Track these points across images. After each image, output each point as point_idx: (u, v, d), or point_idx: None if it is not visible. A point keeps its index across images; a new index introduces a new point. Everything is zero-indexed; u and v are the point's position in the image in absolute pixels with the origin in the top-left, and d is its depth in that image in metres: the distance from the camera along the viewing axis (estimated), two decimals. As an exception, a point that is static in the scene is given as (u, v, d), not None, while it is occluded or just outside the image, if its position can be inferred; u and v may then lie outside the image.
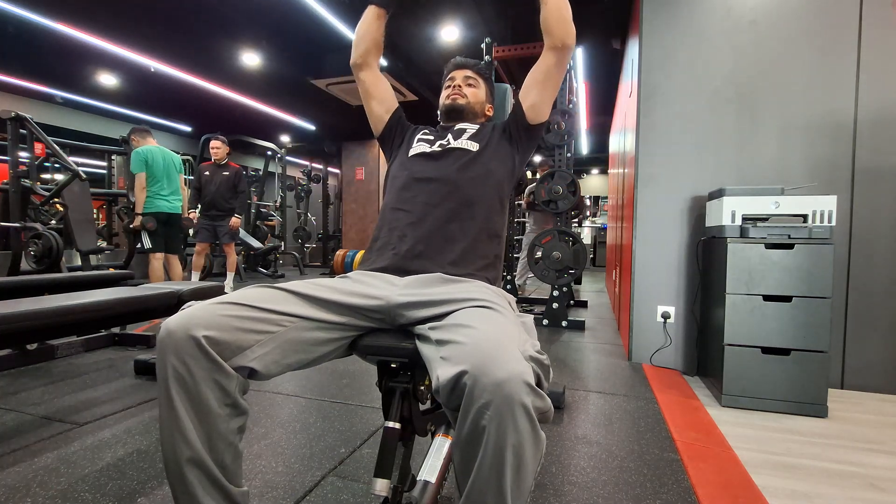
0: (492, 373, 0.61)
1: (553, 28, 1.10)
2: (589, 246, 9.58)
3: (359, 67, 1.26)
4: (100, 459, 1.38)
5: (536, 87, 1.16)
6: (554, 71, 1.14)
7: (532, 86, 1.17)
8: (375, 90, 1.28)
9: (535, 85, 1.16)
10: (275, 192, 9.11)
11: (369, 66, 1.26)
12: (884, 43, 2.08)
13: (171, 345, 0.72)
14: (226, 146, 4.58)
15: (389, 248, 1.05)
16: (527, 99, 1.18)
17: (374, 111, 1.29)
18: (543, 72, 1.15)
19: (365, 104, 1.31)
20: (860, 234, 2.12)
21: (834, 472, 1.39)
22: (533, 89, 1.17)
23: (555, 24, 1.09)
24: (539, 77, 1.16)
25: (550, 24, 1.10)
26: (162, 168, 3.67)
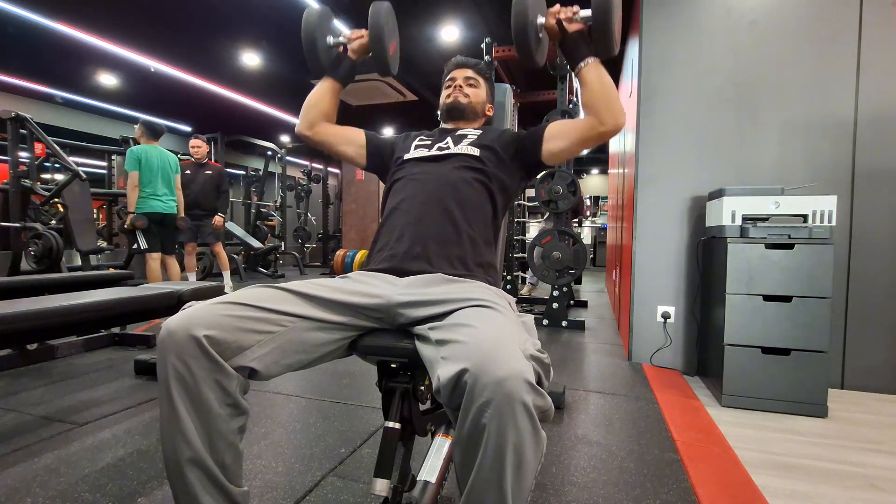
0: (492, 371, 0.61)
1: (602, 113, 1.04)
2: (589, 246, 9.58)
3: (306, 135, 1.24)
4: (100, 459, 1.38)
5: (565, 143, 1.12)
6: (592, 143, 1.10)
7: (563, 138, 1.12)
8: (336, 138, 1.26)
9: (566, 140, 1.12)
10: (275, 192, 9.11)
11: (318, 128, 1.24)
12: (884, 43, 2.08)
13: (172, 345, 0.72)
14: (206, 145, 4.57)
15: (388, 249, 1.05)
16: (551, 143, 1.13)
17: (346, 154, 1.27)
18: (581, 138, 1.09)
19: (336, 154, 1.29)
20: (860, 234, 2.12)
21: (834, 472, 1.39)
22: (561, 141, 1.12)
23: (603, 109, 1.03)
24: (574, 138, 1.10)
25: (598, 108, 1.04)
26: (157, 168, 3.63)
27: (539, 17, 1.06)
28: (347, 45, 1.23)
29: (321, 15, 1.19)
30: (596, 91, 1.04)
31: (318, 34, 1.17)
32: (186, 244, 4.41)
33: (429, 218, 1.05)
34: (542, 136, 1.14)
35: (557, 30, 1.07)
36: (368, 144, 1.27)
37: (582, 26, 1.07)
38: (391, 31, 1.22)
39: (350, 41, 1.23)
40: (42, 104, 7.11)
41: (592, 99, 1.05)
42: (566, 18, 1.06)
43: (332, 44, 1.23)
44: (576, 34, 1.07)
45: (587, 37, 1.07)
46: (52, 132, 4.36)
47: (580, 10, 1.07)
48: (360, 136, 1.27)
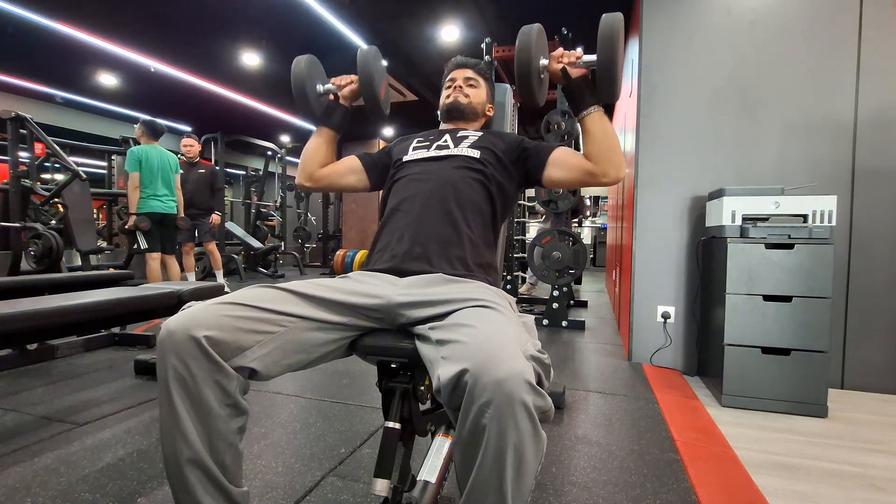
0: (492, 371, 0.61)
1: (603, 165, 1.04)
2: (589, 246, 9.58)
3: (308, 187, 1.26)
4: (100, 459, 1.38)
5: (565, 176, 1.11)
6: (592, 185, 1.11)
7: (564, 169, 1.11)
8: (336, 177, 1.27)
9: (566, 173, 1.11)
10: (275, 192, 9.11)
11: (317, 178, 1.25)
12: (884, 43, 2.08)
13: (172, 345, 0.72)
14: (198, 144, 4.60)
15: (388, 250, 1.05)
16: (552, 170, 1.12)
17: (351, 184, 1.27)
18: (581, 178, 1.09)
19: (340, 190, 1.32)
20: (860, 234, 2.12)
21: (834, 472, 1.39)
22: (562, 172, 1.11)
23: (605, 160, 1.04)
24: (575, 175, 1.10)
25: (600, 159, 1.05)
26: (157, 168, 3.64)
27: (542, 60, 1.06)
28: (337, 91, 1.23)
29: (309, 64, 1.19)
30: (599, 142, 1.05)
31: (307, 83, 1.17)
32: (184, 244, 4.42)
33: (429, 218, 1.05)
34: (547, 159, 1.13)
35: (560, 75, 1.07)
36: (365, 166, 1.27)
37: (585, 72, 1.07)
38: (380, 74, 1.22)
39: (340, 88, 1.22)
40: (42, 104, 7.11)
41: (595, 151, 1.05)
42: (569, 63, 1.06)
43: (322, 91, 1.22)
44: (579, 80, 1.07)
45: (591, 83, 1.07)
46: (52, 132, 4.37)
47: (584, 55, 1.06)
48: (356, 163, 1.28)
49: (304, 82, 1.17)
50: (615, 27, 0.98)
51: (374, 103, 1.21)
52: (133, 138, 4.94)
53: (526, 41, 1.02)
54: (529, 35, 1.02)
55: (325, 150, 1.25)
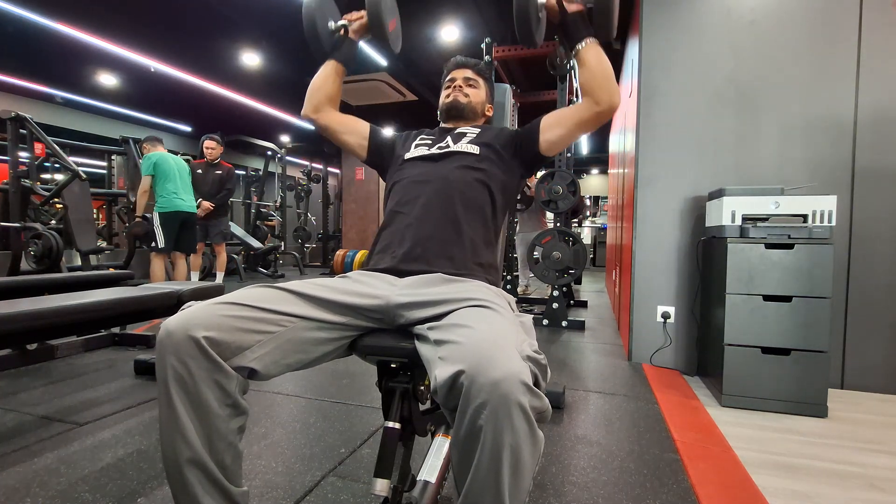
0: (488, 372, 0.61)
1: (598, 92, 1.05)
2: (589, 246, 9.58)
3: (312, 118, 1.25)
4: (100, 459, 1.38)
5: (562, 130, 1.13)
6: (589, 126, 1.11)
7: (559, 125, 1.13)
8: (341, 126, 1.26)
9: (563, 127, 1.13)
10: (275, 192, 9.11)
11: (324, 111, 1.24)
12: (884, 43, 2.08)
13: (171, 345, 0.72)
14: (220, 146, 4.60)
15: (389, 251, 1.05)
16: (548, 132, 1.14)
17: (349, 142, 1.27)
18: (577, 123, 1.10)
19: (337, 142, 1.28)
20: (860, 234, 2.12)
21: (834, 472, 1.39)
22: (559, 129, 1.13)
23: (599, 88, 1.05)
24: (570, 124, 1.12)
25: (594, 87, 1.05)
26: (175, 169, 3.72)
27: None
28: (348, 27, 1.23)
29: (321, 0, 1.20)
30: (593, 70, 1.05)
31: (318, 18, 1.18)
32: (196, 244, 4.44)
33: (429, 219, 1.05)
34: (539, 127, 1.15)
35: (557, 9, 1.07)
36: (371, 139, 1.27)
37: (581, 7, 1.08)
38: (389, 9, 1.23)
39: (350, 23, 1.23)
40: (42, 104, 7.11)
41: (589, 79, 1.06)
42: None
43: (333, 28, 1.23)
44: (575, 15, 1.07)
45: (586, 18, 1.08)
46: (52, 132, 4.37)
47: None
48: (365, 129, 1.28)
49: (316, 18, 1.17)
50: None
51: (383, 37, 1.21)
52: (133, 138, 4.95)
53: None
54: None
55: (332, 82, 1.24)
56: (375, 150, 1.27)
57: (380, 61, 5.16)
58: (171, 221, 3.67)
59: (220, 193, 4.54)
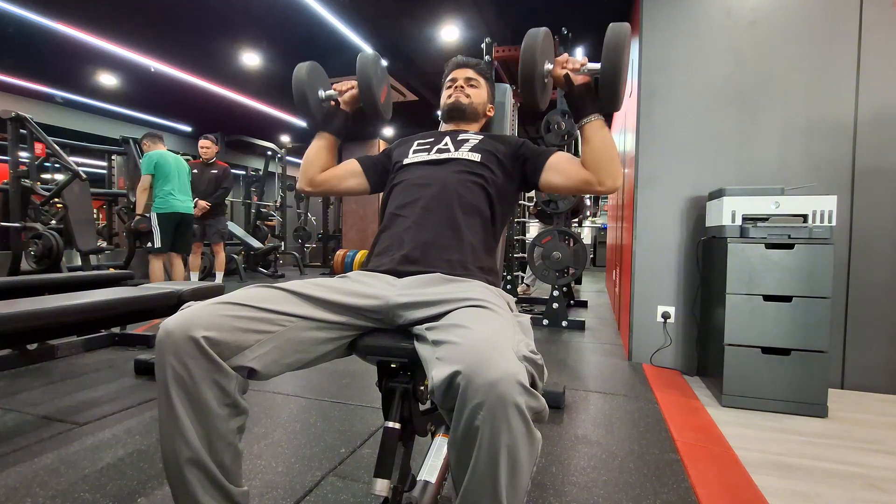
0: (485, 373, 0.60)
1: (601, 174, 1.05)
2: (589, 246, 9.58)
3: (309, 192, 1.26)
4: (100, 459, 1.38)
5: (561, 181, 1.12)
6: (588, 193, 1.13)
7: (561, 174, 1.12)
8: (336, 181, 1.27)
9: (563, 179, 1.12)
10: (275, 192, 9.11)
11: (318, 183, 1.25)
12: (884, 43, 2.08)
13: (171, 345, 0.72)
14: (215, 145, 4.61)
15: (388, 253, 1.05)
16: (549, 174, 1.13)
17: (351, 188, 1.28)
18: (577, 185, 1.10)
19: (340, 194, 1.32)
20: (860, 234, 2.12)
21: (834, 472, 1.39)
22: (559, 178, 1.12)
23: (602, 170, 1.05)
24: (570, 183, 1.11)
25: (598, 169, 1.05)
26: (174, 169, 3.72)
27: (547, 64, 1.06)
28: (338, 97, 1.23)
29: (311, 70, 1.20)
30: (597, 151, 1.05)
31: (308, 89, 1.18)
32: (193, 244, 4.45)
33: (429, 223, 1.05)
34: (545, 164, 1.14)
35: (563, 80, 1.07)
36: (364, 169, 1.27)
37: (588, 79, 1.07)
38: (380, 79, 1.23)
39: (341, 94, 1.23)
40: (42, 104, 7.11)
41: (593, 159, 1.06)
42: (573, 70, 1.06)
43: (323, 97, 1.23)
44: (582, 87, 1.07)
45: (593, 91, 1.06)
46: (52, 132, 4.37)
47: (588, 63, 1.06)
48: (356, 166, 1.27)
49: (306, 89, 1.18)
50: (621, 36, 0.98)
51: (374, 109, 1.21)
52: (133, 138, 4.95)
53: (532, 44, 1.02)
54: (536, 38, 1.02)
55: (325, 154, 1.25)
56: (373, 174, 1.27)
57: (380, 61, 5.16)
58: (167, 222, 3.67)
59: (216, 193, 4.55)
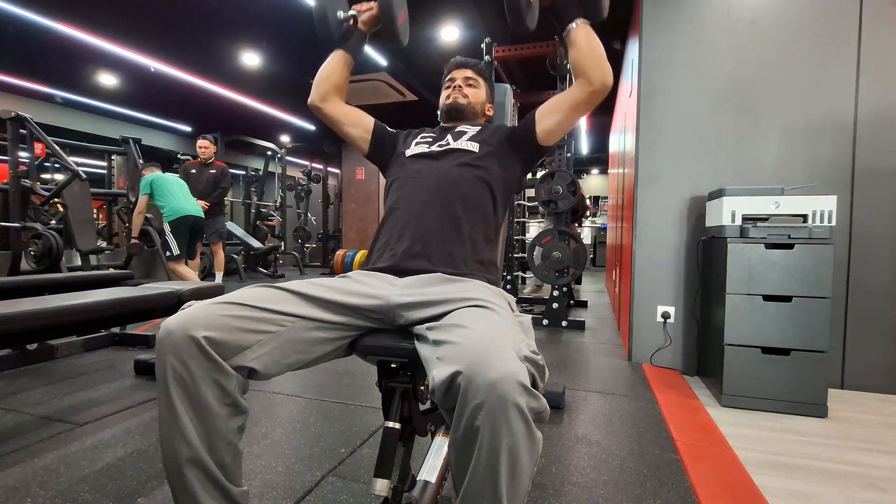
0: (485, 373, 0.60)
1: (590, 72, 1.04)
2: (589, 246, 9.58)
3: (318, 107, 1.24)
4: (100, 459, 1.38)
5: (558, 116, 1.12)
6: (584, 108, 1.10)
7: (554, 112, 1.13)
8: (345, 118, 1.26)
9: (558, 113, 1.12)
10: (275, 192, 9.11)
11: (330, 102, 1.24)
12: (884, 43, 2.08)
13: (171, 345, 0.72)
14: (213, 145, 4.65)
15: (388, 248, 1.05)
16: (544, 121, 1.14)
17: (352, 135, 1.27)
18: (572, 106, 1.10)
19: (341, 134, 1.28)
20: (860, 234, 2.12)
21: (834, 472, 1.39)
22: (554, 116, 1.13)
23: (591, 68, 1.04)
24: (565, 108, 1.11)
25: (586, 67, 1.04)
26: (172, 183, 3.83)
27: None
28: (357, 17, 1.23)
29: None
30: (584, 51, 1.05)
31: (328, 8, 1.18)
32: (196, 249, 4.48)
33: (430, 216, 1.05)
34: (534, 118, 1.15)
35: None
36: (374, 133, 1.27)
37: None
38: (399, 2, 1.23)
39: (360, 13, 1.23)
40: (42, 104, 7.10)
41: (581, 59, 1.05)
42: None
43: (342, 18, 1.23)
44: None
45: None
46: (52, 132, 4.36)
47: None
48: (369, 123, 1.28)
49: (326, 8, 1.18)
50: None
51: (391, 28, 1.21)
52: (133, 138, 4.96)
53: None
54: None
55: (339, 71, 1.24)
56: (377, 145, 1.27)
57: (380, 61, 5.16)
58: (181, 227, 3.75)
59: (214, 193, 4.57)
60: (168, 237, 3.71)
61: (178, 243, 3.71)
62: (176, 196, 3.77)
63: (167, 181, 3.79)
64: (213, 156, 4.64)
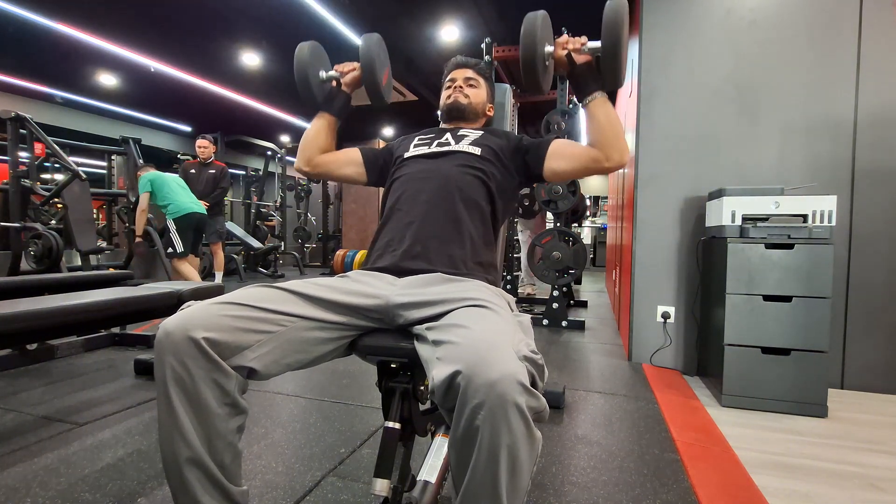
0: (485, 373, 0.60)
1: (608, 150, 1.05)
2: (589, 246, 9.58)
3: (306, 172, 1.26)
4: (100, 459, 1.38)
5: (568, 166, 1.11)
6: (595, 173, 1.12)
7: (565, 159, 1.12)
8: (335, 166, 1.26)
9: (570, 163, 1.11)
10: (275, 192, 9.11)
11: (316, 164, 1.25)
12: (884, 43, 2.08)
13: (170, 346, 0.72)
14: (213, 145, 4.66)
15: (389, 248, 1.05)
16: (553, 161, 1.12)
17: (347, 176, 1.28)
18: (585, 167, 1.10)
19: (335, 180, 1.31)
20: (860, 234, 2.12)
21: (834, 472, 1.39)
22: (564, 162, 1.11)
23: (608, 145, 1.05)
24: (577, 165, 1.10)
25: (604, 145, 1.05)
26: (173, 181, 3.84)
27: (547, 47, 1.05)
28: (340, 78, 1.23)
29: (312, 50, 1.19)
30: (603, 127, 1.05)
31: (310, 70, 1.18)
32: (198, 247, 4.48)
33: (430, 217, 1.05)
34: (546, 152, 1.13)
35: (565, 61, 1.07)
36: (365, 160, 1.27)
37: (589, 58, 1.07)
38: (382, 62, 1.22)
39: (343, 74, 1.23)
40: (42, 104, 7.10)
41: (599, 136, 1.05)
42: (574, 50, 1.06)
43: (325, 78, 1.23)
44: (584, 66, 1.07)
45: (595, 69, 1.07)
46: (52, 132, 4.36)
47: (588, 42, 1.06)
48: (357, 155, 1.27)
49: (307, 69, 1.17)
50: (619, 13, 0.98)
51: (375, 89, 1.21)
52: (133, 138, 4.96)
53: (531, 28, 1.02)
54: (535, 22, 1.02)
55: (325, 135, 1.25)
56: (373, 166, 1.27)
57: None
58: (186, 224, 3.76)
59: (214, 192, 4.58)
60: (172, 234, 3.71)
61: (182, 241, 3.72)
62: (178, 194, 3.78)
63: (167, 180, 3.80)
64: (213, 155, 4.65)
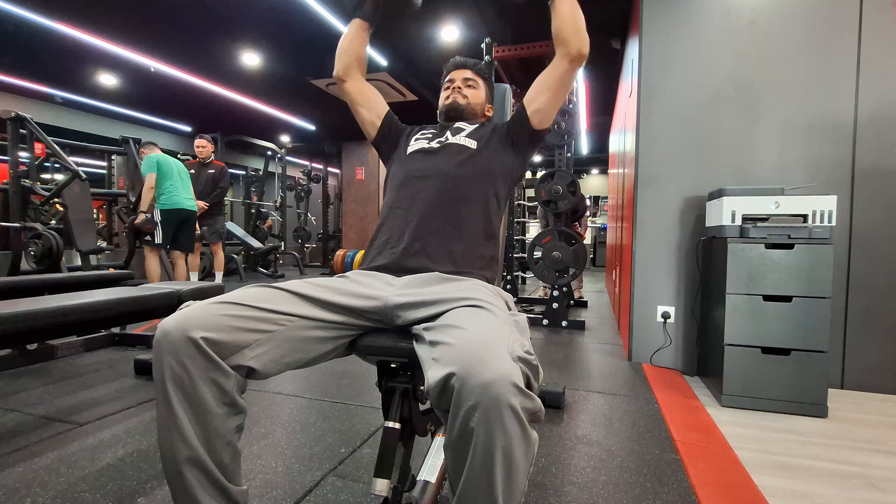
0: (479, 374, 0.60)
1: (569, 38, 1.07)
2: (589, 246, 9.58)
3: (341, 80, 1.26)
4: (100, 459, 1.38)
5: (545, 94, 1.14)
6: (567, 79, 1.12)
7: (540, 91, 1.14)
8: (362, 97, 1.27)
9: (544, 91, 1.14)
10: (275, 192, 9.11)
11: (352, 77, 1.26)
12: (884, 43, 2.08)
13: (168, 346, 0.72)
14: (211, 145, 4.68)
15: (388, 246, 1.06)
16: (533, 104, 1.15)
17: (363, 117, 1.28)
18: (555, 79, 1.12)
19: (354, 112, 1.30)
20: (860, 234, 2.12)
21: (834, 472, 1.39)
22: (541, 95, 1.14)
23: (570, 34, 1.07)
24: (550, 83, 1.13)
25: (565, 34, 1.07)
26: (175, 168, 3.82)
27: None
28: None
29: None
30: (566, 20, 1.07)
31: None
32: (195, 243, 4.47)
33: (429, 215, 1.05)
34: (523, 106, 1.17)
35: None
36: (384, 121, 1.28)
37: None
38: None
39: None
40: (42, 104, 7.10)
41: (561, 28, 1.08)
42: None
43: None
44: None
45: None
46: (52, 132, 4.37)
47: None
48: (382, 110, 1.29)
49: None
50: None
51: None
52: (133, 138, 4.96)
53: None
54: None
55: (359, 40, 1.26)
56: (384, 135, 1.28)
57: (380, 61, 5.16)
58: (171, 218, 3.74)
59: (213, 192, 4.58)
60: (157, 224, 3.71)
61: (164, 233, 3.70)
62: (175, 185, 3.76)
63: (170, 165, 3.76)
64: (212, 155, 4.65)
